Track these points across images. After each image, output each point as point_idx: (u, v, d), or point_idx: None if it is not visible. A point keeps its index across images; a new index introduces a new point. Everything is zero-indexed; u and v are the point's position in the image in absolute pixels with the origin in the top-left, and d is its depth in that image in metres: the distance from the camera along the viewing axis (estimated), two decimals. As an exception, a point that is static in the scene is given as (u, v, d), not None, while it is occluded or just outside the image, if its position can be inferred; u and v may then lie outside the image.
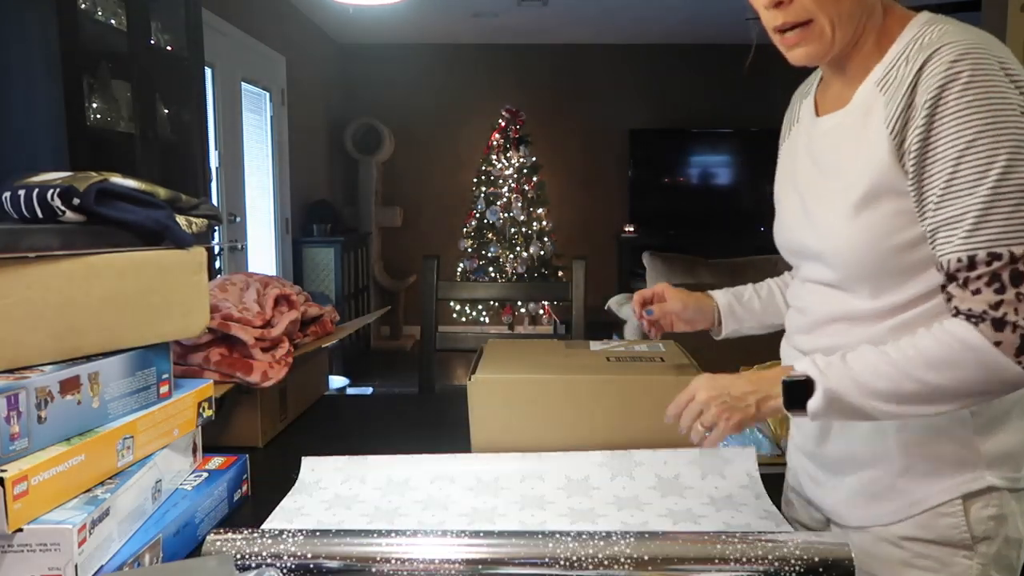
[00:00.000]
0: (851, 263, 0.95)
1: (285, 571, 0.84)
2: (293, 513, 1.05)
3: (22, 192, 0.90)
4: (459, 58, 6.64)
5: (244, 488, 1.12)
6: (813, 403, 0.91)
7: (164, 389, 1.00)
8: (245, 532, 0.87)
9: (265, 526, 1.00)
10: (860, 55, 0.96)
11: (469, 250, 6.10)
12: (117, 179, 0.97)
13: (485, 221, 6.04)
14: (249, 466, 1.14)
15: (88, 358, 0.89)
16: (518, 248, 6.03)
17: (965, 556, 0.94)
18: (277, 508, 1.06)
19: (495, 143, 6.10)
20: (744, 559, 0.83)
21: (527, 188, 6.06)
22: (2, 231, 0.82)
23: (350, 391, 4.64)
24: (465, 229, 6.14)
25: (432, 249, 6.15)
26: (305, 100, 5.53)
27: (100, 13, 2.39)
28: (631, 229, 6.66)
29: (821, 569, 0.83)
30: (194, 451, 1.08)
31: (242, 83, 4.38)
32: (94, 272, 0.90)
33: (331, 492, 1.12)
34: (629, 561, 0.83)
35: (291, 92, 5.13)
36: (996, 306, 0.83)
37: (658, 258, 3.94)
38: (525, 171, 6.06)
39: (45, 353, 0.85)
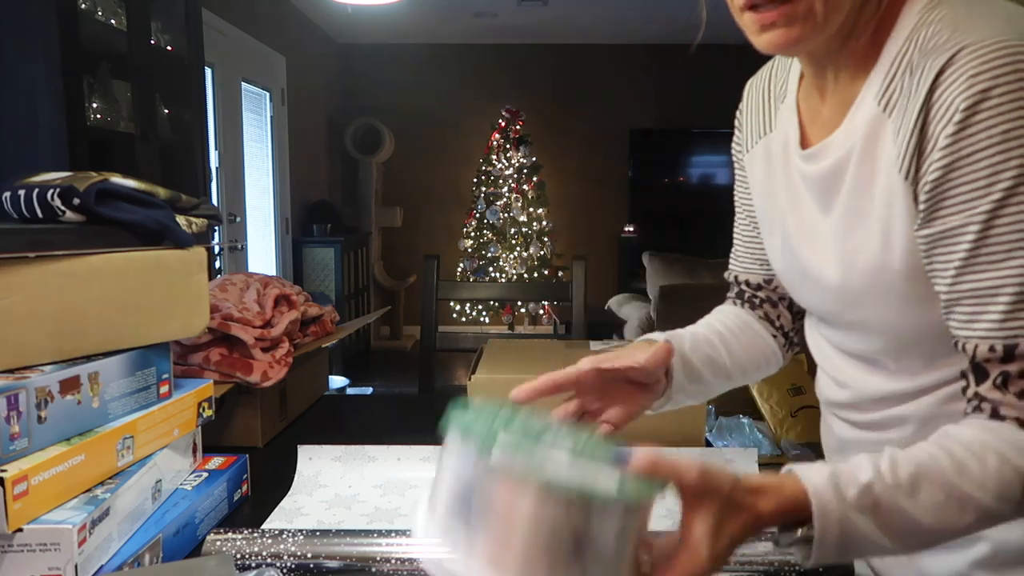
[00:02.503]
0: (903, 332, 0.74)
1: (285, 571, 0.84)
2: (293, 513, 1.05)
3: (22, 192, 0.90)
4: (459, 58, 6.64)
5: (244, 488, 1.12)
6: (817, 557, 0.61)
7: (164, 389, 1.00)
8: (245, 532, 0.87)
9: (265, 526, 1.00)
10: (854, 52, 0.72)
11: (469, 250, 6.10)
12: (117, 179, 0.97)
13: (485, 221, 6.04)
14: (249, 466, 1.14)
15: (88, 358, 0.89)
16: (518, 248, 6.03)
17: None
18: (277, 508, 1.06)
19: (495, 143, 6.10)
20: (744, 559, 0.83)
21: (527, 188, 6.06)
22: (2, 231, 0.82)
23: (350, 391, 4.63)
24: (465, 229, 6.14)
25: (432, 249, 6.16)
26: (305, 100, 5.53)
27: (100, 13, 2.39)
28: (631, 229, 6.66)
29: (821, 569, 0.83)
30: (194, 451, 1.08)
31: (242, 83, 4.38)
32: (94, 272, 0.90)
33: (331, 491, 1.12)
34: None
35: (291, 92, 5.13)
36: None
37: (658, 258, 3.94)
38: (525, 171, 6.07)
39: (45, 353, 0.85)
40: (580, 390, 0.82)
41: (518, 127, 6.09)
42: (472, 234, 6.10)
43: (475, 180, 6.18)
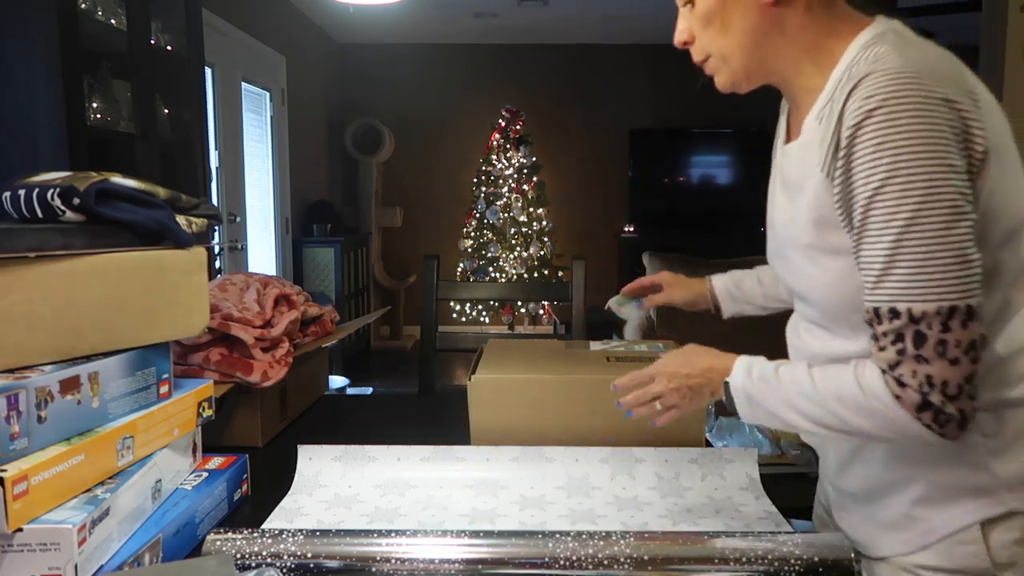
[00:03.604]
0: (822, 303, 0.92)
1: (285, 571, 0.84)
2: (293, 513, 1.05)
3: (22, 192, 0.90)
4: (459, 58, 6.64)
5: (244, 488, 1.12)
6: (741, 412, 0.94)
7: (164, 389, 1.01)
8: (245, 532, 0.87)
9: (265, 526, 1.00)
10: (800, 81, 0.91)
11: (469, 250, 6.10)
12: (117, 179, 0.97)
13: (485, 221, 6.04)
14: (249, 466, 1.14)
15: (88, 358, 0.89)
16: (518, 248, 6.03)
17: None
18: (277, 508, 1.07)
19: (495, 143, 6.10)
20: (744, 559, 0.83)
21: (527, 188, 6.06)
22: (2, 231, 0.82)
23: (350, 391, 4.63)
24: (465, 229, 6.14)
25: (432, 249, 6.15)
26: (305, 100, 5.53)
27: (100, 13, 2.39)
28: (631, 229, 6.66)
29: (821, 569, 0.83)
30: (194, 451, 1.08)
31: (242, 83, 4.38)
32: (94, 272, 0.90)
33: (331, 491, 1.12)
34: (629, 561, 0.83)
35: (291, 92, 5.13)
36: (895, 366, 0.80)
37: (658, 258, 3.94)
38: (525, 171, 6.06)
39: (45, 353, 0.85)
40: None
41: (518, 127, 6.09)
42: (472, 234, 6.10)
43: (475, 180, 6.17)
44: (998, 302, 0.86)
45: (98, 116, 2.38)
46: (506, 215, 6.02)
